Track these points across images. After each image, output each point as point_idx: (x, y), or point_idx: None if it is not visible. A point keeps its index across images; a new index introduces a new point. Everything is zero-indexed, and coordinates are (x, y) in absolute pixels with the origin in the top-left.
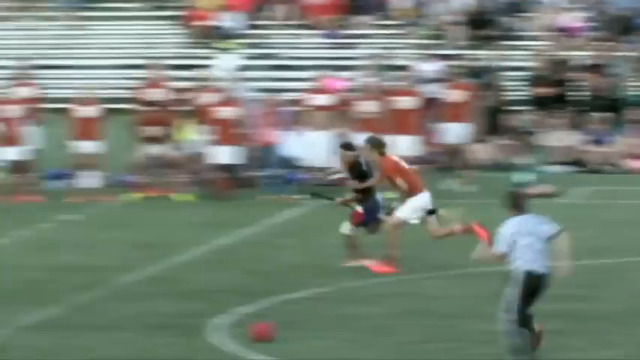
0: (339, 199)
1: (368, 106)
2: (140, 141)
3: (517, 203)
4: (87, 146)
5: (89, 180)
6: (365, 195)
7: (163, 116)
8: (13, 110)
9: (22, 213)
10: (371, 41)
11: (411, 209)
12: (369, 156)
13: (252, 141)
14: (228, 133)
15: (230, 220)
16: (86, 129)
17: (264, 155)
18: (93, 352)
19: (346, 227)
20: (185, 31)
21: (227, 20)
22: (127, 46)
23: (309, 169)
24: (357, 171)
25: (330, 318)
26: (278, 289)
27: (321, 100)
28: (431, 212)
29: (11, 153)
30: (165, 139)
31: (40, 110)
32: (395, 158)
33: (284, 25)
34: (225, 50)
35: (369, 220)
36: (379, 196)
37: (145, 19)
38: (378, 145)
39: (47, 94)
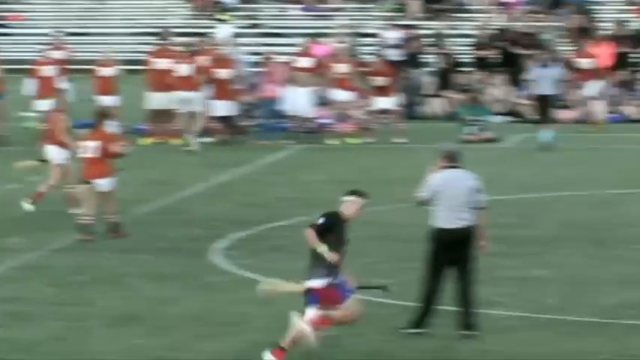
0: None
1: (341, 68)
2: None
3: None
4: (107, 100)
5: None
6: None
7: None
8: (49, 70)
9: None
10: (344, 14)
11: None
12: None
13: (248, 96)
14: (224, 90)
15: (227, 161)
16: (106, 86)
17: (262, 107)
18: (115, 270)
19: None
20: (190, 5)
21: None
22: (142, 17)
23: (294, 118)
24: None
25: None
26: (268, 219)
27: (305, 62)
28: None
29: (45, 105)
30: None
31: (69, 70)
32: None
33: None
34: (223, 21)
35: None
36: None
37: None
38: None
39: (76, 56)
